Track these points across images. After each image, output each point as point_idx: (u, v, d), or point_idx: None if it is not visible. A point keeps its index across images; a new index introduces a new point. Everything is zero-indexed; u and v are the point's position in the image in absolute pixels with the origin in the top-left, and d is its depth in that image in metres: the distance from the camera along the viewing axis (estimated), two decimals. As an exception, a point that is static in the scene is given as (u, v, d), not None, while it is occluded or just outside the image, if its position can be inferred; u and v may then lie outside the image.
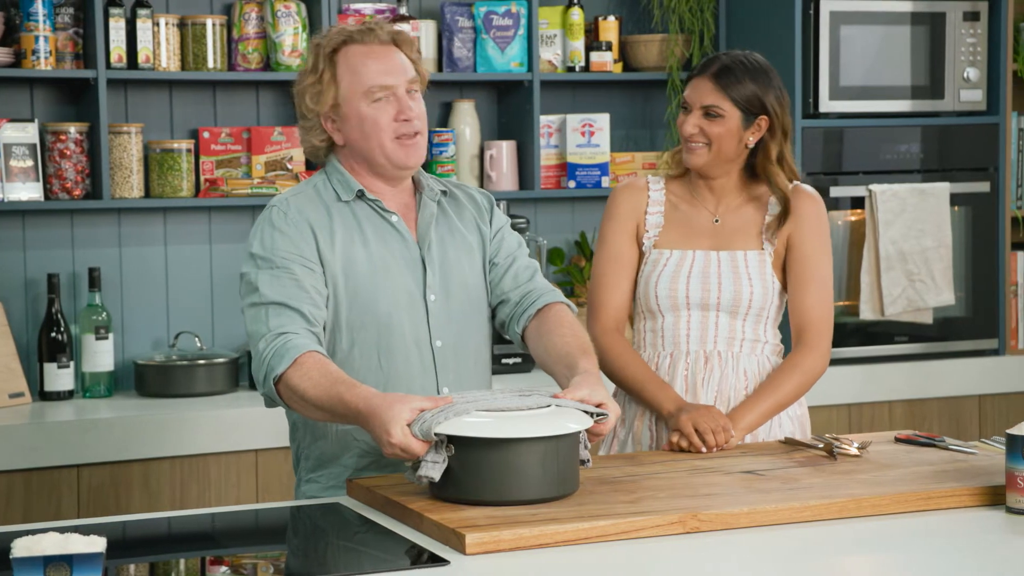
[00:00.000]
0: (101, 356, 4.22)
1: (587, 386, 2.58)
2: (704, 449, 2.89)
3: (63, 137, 4.19)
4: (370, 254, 2.76)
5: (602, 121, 4.68)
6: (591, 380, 2.62)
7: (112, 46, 4.18)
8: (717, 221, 3.15)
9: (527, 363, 4.53)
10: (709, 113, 3.06)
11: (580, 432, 2.51)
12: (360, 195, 2.79)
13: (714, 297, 3.08)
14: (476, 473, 2.42)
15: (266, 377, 2.63)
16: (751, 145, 3.10)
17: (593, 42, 4.71)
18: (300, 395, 2.58)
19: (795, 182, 3.15)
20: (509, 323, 2.91)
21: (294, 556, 2.42)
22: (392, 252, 2.78)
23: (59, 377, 4.19)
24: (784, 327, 3.16)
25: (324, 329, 2.74)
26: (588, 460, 2.56)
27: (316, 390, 2.56)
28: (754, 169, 3.14)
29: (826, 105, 4.58)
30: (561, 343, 2.77)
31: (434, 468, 2.42)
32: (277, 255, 2.71)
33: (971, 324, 4.81)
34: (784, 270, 3.13)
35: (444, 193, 2.89)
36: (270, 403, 2.69)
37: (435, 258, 2.81)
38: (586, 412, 2.51)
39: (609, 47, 4.69)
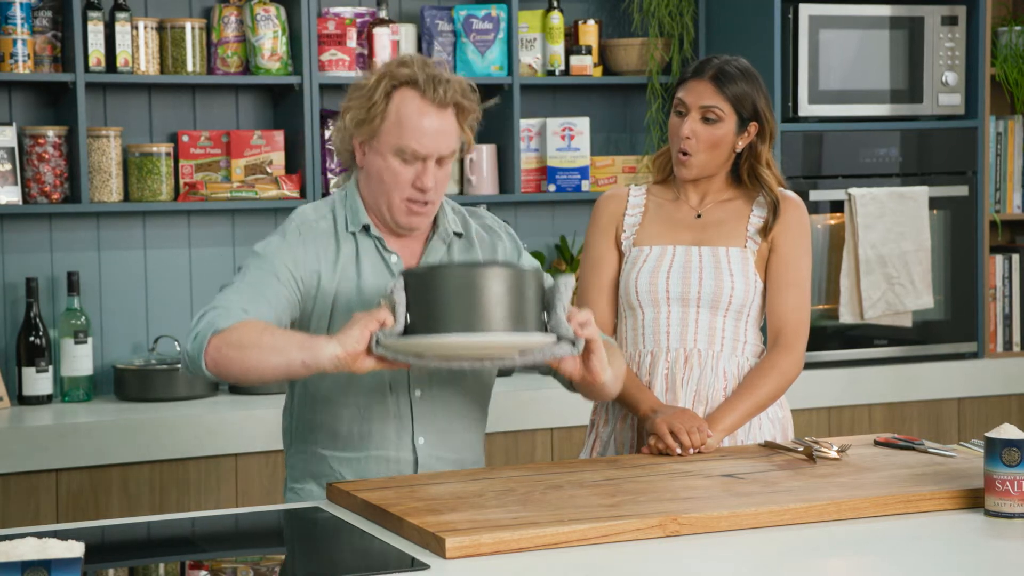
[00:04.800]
0: (80, 360, 4.21)
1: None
2: (679, 451, 2.90)
3: (41, 140, 4.17)
4: (360, 291, 2.74)
5: (582, 125, 4.68)
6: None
7: (91, 49, 4.17)
8: (699, 216, 3.16)
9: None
10: (707, 117, 3.07)
11: (551, 344, 2.53)
12: (365, 229, 2.76)
13: (694, 291, 3.09)
14: (438, 302, 2.44)
15: (196, 337, 2.56)
16: (739, 150, 3.12)
17: (573, 46, 4.72)
18: (234, 343, 2.52)
19: (779, 188, 3.17)
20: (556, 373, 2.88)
21: (274, 561, 2.41)
22: (381, 295, 2.73)
23: (38, 381, 4.17)
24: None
25: None
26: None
27: (255, 331, 2.53)
28: (737, 172, 3.16)
29: (805, 109, 4.59)
30: None
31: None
32: (275, 260, 2.70)
33: (950, 327, 4.82)
34: (766, 272, 3.15)
35: (459, 235, 2.83)
36: (192, 364, 2.59)
37: None
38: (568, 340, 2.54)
39: (589, 51, 4.70)
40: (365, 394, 2.75)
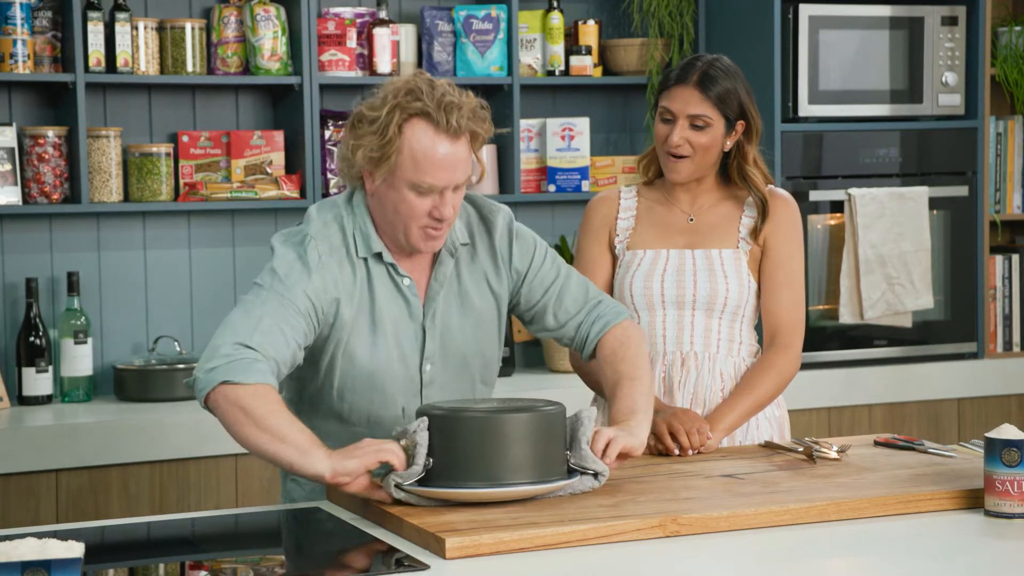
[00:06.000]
0: (80, 361, 4.21)
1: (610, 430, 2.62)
2: (678, 452, 2.90)
3: (41, 141, 4.17)
4: (374, 319, 2.71)
5: (582, 125, 4.68)
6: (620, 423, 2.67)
7: (91, 49, 4.17)
8: (691, 220, 3.16)
9: (506, 366, 4.53)
10: (695, 124, 3.06)
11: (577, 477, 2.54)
12: (378, 256, 2.72)
13: (689, 294, 3.09)
14: (461, 455, 2.43)
15: (212, 370, 2.51)
16: (728, 149, 3.12)
17: (573, 46, 4.72)
18: (243, 408, 2.48)
19: (769, 185, 3.16)
20: (575, 348, 2.91)
21: (274, 561, 2.41)
22: (395, 317, 2.72)
23: (38, 382, 4.17)
24: (758, 329, 3.18)
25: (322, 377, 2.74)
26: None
27: (265, 406, 2.48)
28: (726, 171, 3.16)
29: (805, 109, 4.59)
30: (607, 380, 2.82)
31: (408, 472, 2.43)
32: (296, 289, 2.62)
33: (950, 327, 4.82)
34: (759, 272, 3.15)
35: (465, 244, 2.80)
36: (196, 393, 2.55)
37: (438, 326, 2.75)
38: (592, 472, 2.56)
39: (589, 51, 4.70)
40: (376, 419, 2.73)
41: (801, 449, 2.87)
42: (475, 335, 2.79)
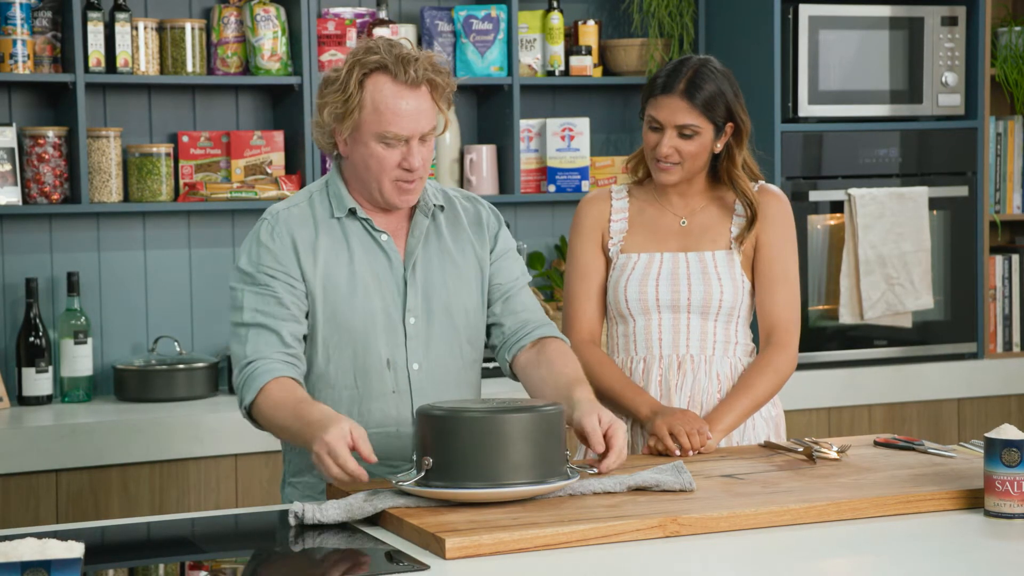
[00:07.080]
0: (80, 361, 4.21)
1: (594, 412, 2.66)
2: (678, 452, 2.90)
3: (41, 141, 4.17)
4: (352, 272, 2.79)
5: (582, 125, 4.68)
6: (595, 406, 2.69)
7: (91, 50, 4.17)
8: (684, 223, 3.15)
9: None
10: (683, 133, 3.05)
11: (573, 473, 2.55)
12: (352, 212, 2.81)
13: (684, 298, 3.09)
14: (462, 456, 2.44)
15: (240, 405, 2.74)
16: (718, 151, 3.11)
17: (573, 46, 4.72)
18: (268, 420, 2.69)
19: (760, 182, 3.16)
20: (500, 350, 2.94)
21: (273, 561, 2.41)
22: (376, 271, 2.80)
23: (38, 382, 4.17)
24: (753, 327, 3.18)
25: (307, 340, 2.81)
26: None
27: (281, 410, 2.66)
28: (716, 171, 3.15)
29: (805, 109, 4.59)
30: (559, 372, 2.81)
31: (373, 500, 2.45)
32: (261, 271, 2.76)
33: (950, 328, 4.82)
34: (752, 270, 3.14)
35: (442, 208, 2.88)
36: (246, 417, 2.78)
37: (419, 279, 2.82)
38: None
39: (589, 51, 4.70)
40: (363, 374, 2.79)
41: (801, 449, 2.87)
42: (457, 289, 2.85)
